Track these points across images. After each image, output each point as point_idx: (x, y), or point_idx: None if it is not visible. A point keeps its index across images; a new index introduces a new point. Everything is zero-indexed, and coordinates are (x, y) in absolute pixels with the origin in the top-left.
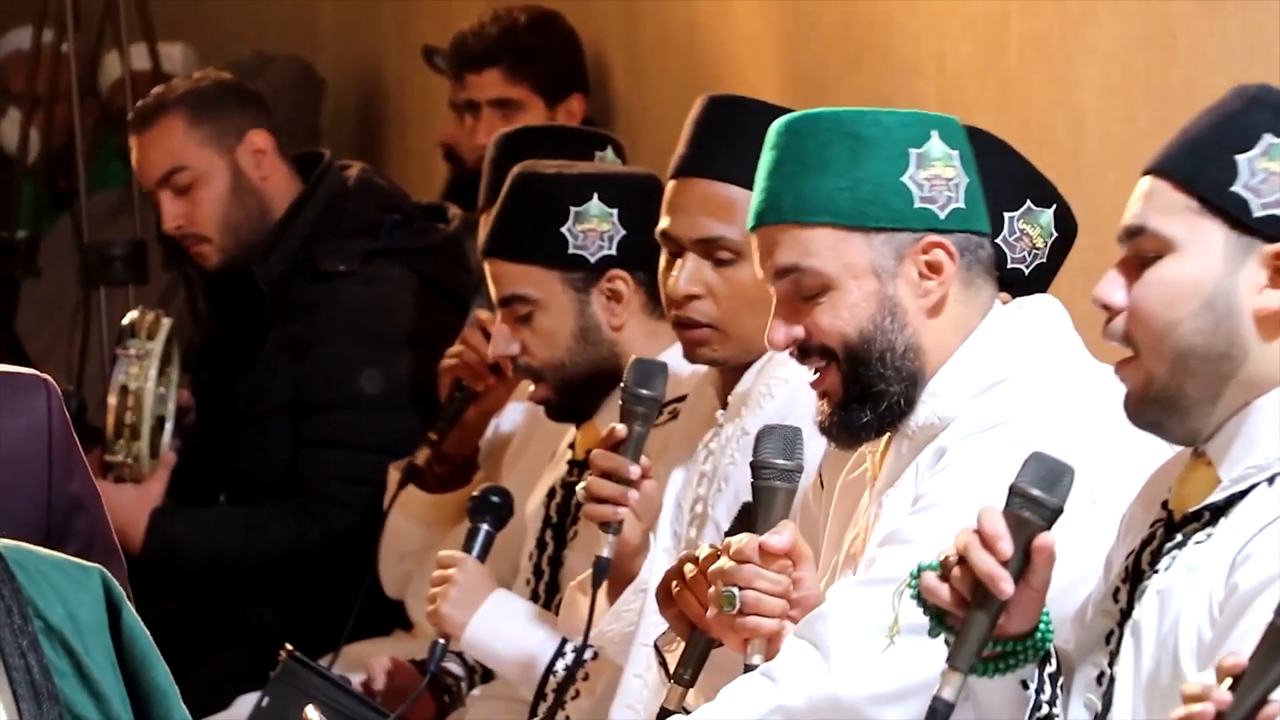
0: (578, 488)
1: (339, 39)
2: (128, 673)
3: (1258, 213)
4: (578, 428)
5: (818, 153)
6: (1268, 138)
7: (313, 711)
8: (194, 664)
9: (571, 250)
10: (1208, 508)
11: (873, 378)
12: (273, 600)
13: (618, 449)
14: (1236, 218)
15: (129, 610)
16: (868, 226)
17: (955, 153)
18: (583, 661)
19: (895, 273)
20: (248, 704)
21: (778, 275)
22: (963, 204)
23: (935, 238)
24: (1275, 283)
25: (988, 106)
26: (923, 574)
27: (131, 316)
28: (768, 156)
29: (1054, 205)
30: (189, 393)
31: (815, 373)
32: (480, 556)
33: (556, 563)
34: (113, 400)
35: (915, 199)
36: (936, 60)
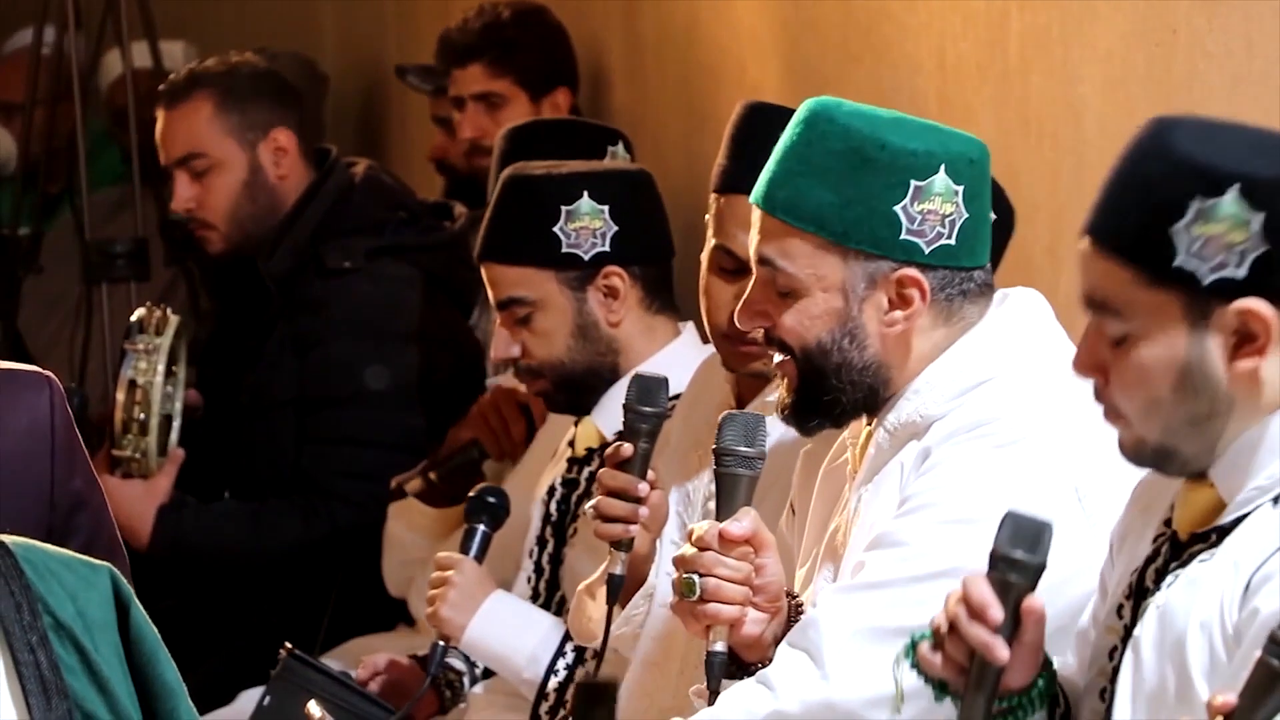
0: (585, 507)
1: (341, 36)
2: (136, 669)
3: (1207, 280)
4: (576, 422)
5: (822, 157)
6: (1196, 203)
7: (315, 706)
8: (197, 660)
9: (565, 249)
10: (1215, 529)
11: (827, 388)
12: (277, 591)
13: (624, 467)
14: (1189, 289)
15: (137, 608)
16: (848, 246)
17: (960, 188)
18: (583, 661)
19: (863, 296)
20: (250, 699)
21: (760, 262)
22: (953, 240)
23: (913, 272)
24: (1239, 348)
25: (987, 103)
26: (919, 645)
27: (139, 313)
28: (787, 134)
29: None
30: (197, 391)
31: (778, 359)
32: (478, 557)
33: (557, 560)
34: (120, 395)
35: (903, 230)
36: (936, 57)
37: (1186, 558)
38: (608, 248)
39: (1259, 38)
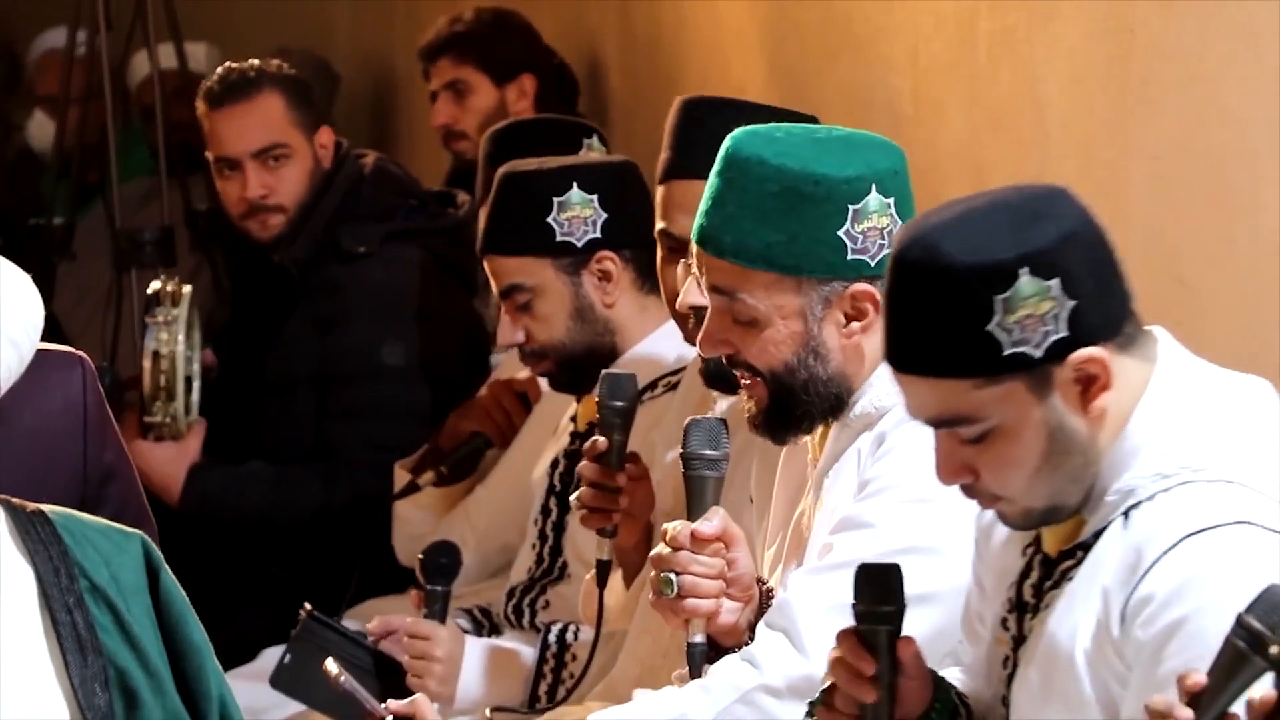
0: (571, 498)
1: (353, 36)
2: (165, 629)
3: (1039, 352)
4: (578, 400)
5: (760, 200)
6: (998, 299)
7: (332, 664)
8: (222, 621)
9: (559, 238)
10: (1079, 545)
11: (796, 403)
12: (297, 555)
13: (601, 460)
14: (1026, 368)
15: (167, 573)
16: (800, 276)
17: (890, 200)
18: (567, 645)
19: (821, 316)
20: (271, 657)
21: (713, 291)
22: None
23: (864, 286)
24: (1086, 393)
25: (957, 99)
26: (816, 711)
27: (155, 286)
28: (714, 180)
29: None
30: (212, 353)
31: (745, 380)
32: (442, 617)
33: (560, 527)
34: (147, 365)
35: (849, 251)
36: (910, 56)
37: (1059, 576)
38: (599, 234)
39: (1213, 38)
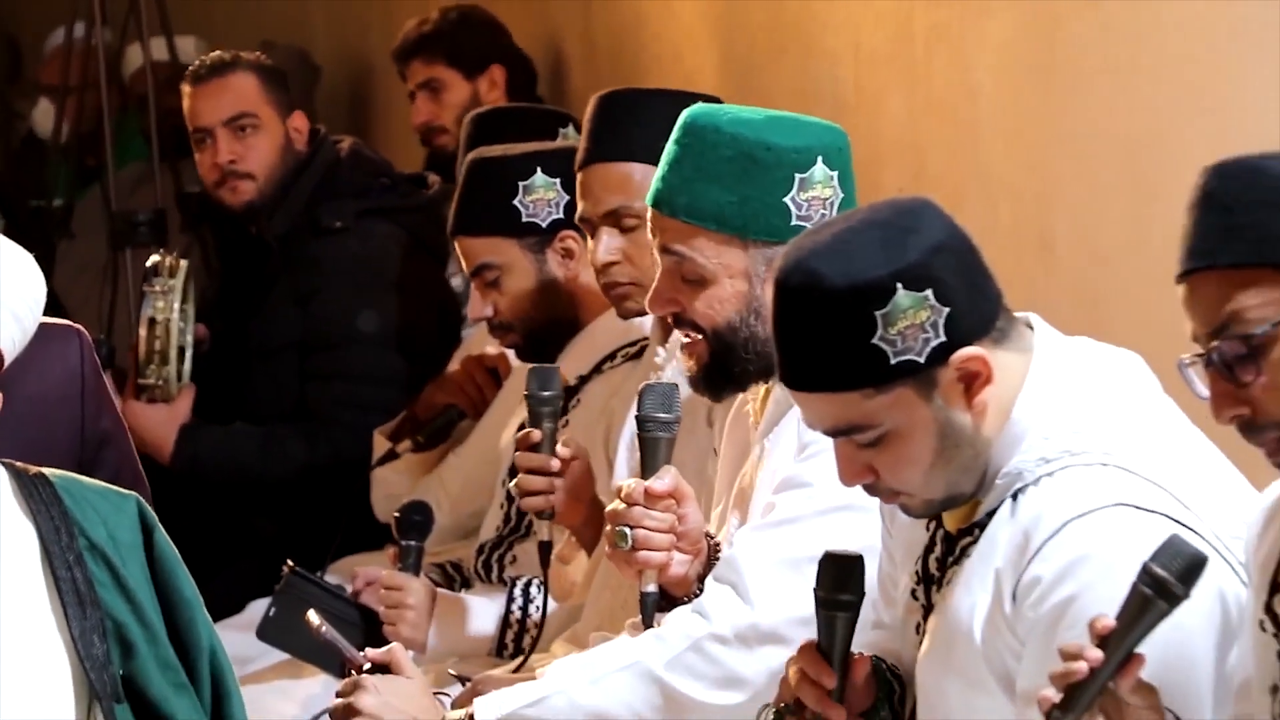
0: (509, 485)
1: (331, 31)
2: (159, 584)
3: (922, 357)
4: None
5: (714, 164)
6: (878, 314)
7: (314, 615)
8: (212, 575)
9: (525, 219)
10: (976, 524)
11: (734, 361)
12: (281, 512)
13: (535, 449)
14: (911, 374)
15: (160, 532)
16: (747, 238)
17: (835, 173)
18: (532, 598)
19: (764, 278)
20: (259, 609)
21: (664, 251)
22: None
23: None
24: (969, 389)
25: (897, 88)
26: (784, 716)
27: (154, 259)
28: (672, 147)
29: None
30: (205, 326)
31: (687, 338)
32: (416, 570)
33: None
34: (142, 331)
35: (793, 217)
36: (853, 49)
37: (959, 552)
38: (562, 215)
39: (1133, 31)
